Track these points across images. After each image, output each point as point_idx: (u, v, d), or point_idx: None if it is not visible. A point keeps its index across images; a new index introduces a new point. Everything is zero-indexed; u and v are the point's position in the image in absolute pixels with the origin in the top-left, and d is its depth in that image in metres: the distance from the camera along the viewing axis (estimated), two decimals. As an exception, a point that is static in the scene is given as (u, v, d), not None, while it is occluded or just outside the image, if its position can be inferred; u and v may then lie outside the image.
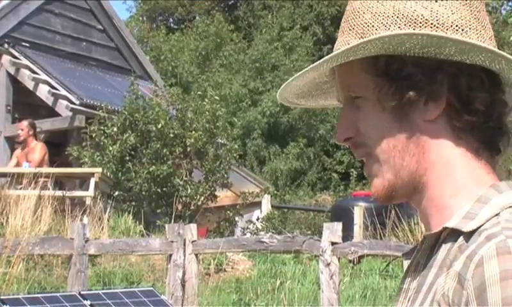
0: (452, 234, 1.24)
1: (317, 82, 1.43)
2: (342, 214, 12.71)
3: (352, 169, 24.57)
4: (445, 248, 1.25)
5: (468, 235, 1.21)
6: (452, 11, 1.29)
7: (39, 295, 6.38)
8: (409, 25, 1.28)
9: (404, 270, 1.35)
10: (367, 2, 1.32)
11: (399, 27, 1.28)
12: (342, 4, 31.38)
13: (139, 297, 6.59)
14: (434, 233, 1.27)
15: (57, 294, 6.58)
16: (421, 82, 1.28)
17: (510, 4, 26.13)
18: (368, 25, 1.30)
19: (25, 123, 12.66)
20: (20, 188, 11.26)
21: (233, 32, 31.10)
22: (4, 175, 12.16)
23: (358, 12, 1.32)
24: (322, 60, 1.32)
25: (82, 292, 6.62)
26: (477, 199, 1.26)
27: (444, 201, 1.29)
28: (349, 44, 1.30)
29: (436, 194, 1.29)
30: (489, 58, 1.27)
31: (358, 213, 12.89)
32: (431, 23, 1.28)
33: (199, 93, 15.51)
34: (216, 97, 14.40)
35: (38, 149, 12.46)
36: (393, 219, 10.72)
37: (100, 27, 17.25)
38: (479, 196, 1.26)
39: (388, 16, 1.29)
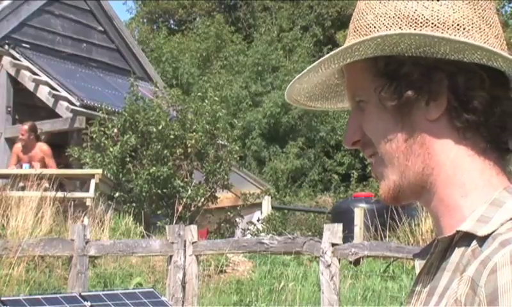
0: (466, 237, 1.23)
1: (328, 84, 1.42)
2: (342, 215, 12.73)
3: (352, 171, 24.58)
4: (458, 251, 1.23)
5: (482, 239, 1.20)
6: (453, 10, 1.27)
7: (39, 297, 6.38)
8: (410, 26, 1.26)
9: (416, 272, 1.33)
10: (371, 2, 1.31)
11: (399, 28, 1.27)
12: (342, 6, 31.41)
13: (139, 298, 6.59)
14: (448, 237, 1.25)
15: (58, 295, 6.57)
16: (418, 81, 1.26)
17: (511, 5, 26.14)
18: (370, 27, 1.29)
19: (25, 126, 12.53)
20: (23, 187, 11.25)
21: (233, 34, 31.10)
22: (5, 177, 12.16)
23: (362, 13, 1.32)
24: (317, 62, 1.31)
25: (82, 293, 6.62)
26: (491, 202, 1.24)
27: (455, 201, 1.27)
28: None
29: (445, 194, 1.28)
30: (486, 56, 1.24)
31: (359, 214, 12.90)
32: (432, 23, 1.26)
33: (199, 94, 15.50)
34: (216, 98, 14.40)
35: (48, 153, 12.43)
36: (395, 220, 10.71)
37: (100, 28, 17.25)
38: (492, 199, 1.24)
39: (389, 16, 1.28)
